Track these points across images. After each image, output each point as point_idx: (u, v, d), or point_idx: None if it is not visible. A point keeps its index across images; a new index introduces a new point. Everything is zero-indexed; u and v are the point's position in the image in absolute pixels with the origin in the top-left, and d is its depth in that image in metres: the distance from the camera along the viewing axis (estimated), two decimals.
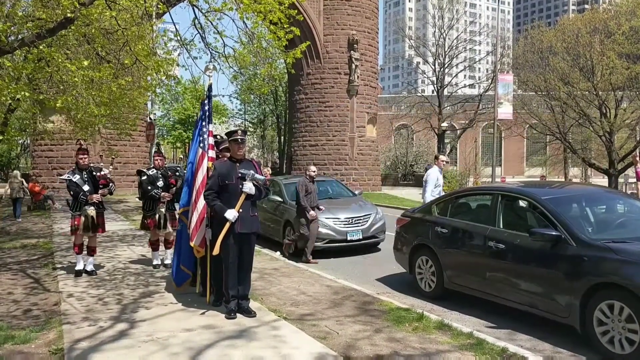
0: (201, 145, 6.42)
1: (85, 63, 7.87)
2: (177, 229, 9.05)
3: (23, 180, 17.90)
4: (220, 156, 6.51)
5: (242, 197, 5.65)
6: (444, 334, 5.28)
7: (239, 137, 5.87)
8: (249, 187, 5.63)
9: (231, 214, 5.57)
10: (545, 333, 5.52)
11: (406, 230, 7.78)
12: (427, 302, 6.84)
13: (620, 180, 28.10)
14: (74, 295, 6.76)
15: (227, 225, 5.59)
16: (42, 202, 18.98)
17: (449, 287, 6.77)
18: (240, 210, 5.64)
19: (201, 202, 6.10)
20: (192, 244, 6.16)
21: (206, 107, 6.60)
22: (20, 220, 15.99)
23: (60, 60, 7.91)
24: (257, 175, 5.75)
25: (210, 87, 6.75)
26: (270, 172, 16.82)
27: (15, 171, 19.41)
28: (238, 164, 5.83)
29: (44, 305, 6.35)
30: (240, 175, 5.69)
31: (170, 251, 8.55)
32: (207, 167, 6.25)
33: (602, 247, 5.03)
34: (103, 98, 10.04)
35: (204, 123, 6.52)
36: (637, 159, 8.38)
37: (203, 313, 5.90)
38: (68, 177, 7.79)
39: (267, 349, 4.75)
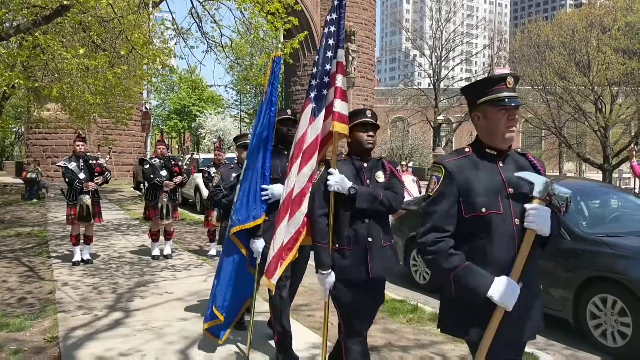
0: (310, 97, 3.61)
1: (81, 51, 7.82)
2: (178, 219, 9.05)
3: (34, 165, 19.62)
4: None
5: (527, 244, 2.25)
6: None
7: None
8: (542, 218, 2.23)
9: (509, 297, 2.20)
10: None
11: (401, 222, 7.80)
12: (422, 294, 6.88)
13: (615, 175, 28.22)
14: (68, 283, 6.75)
15: (498, 316, 2.22)
16: (36, 190, 18.96)
17: None
18: (520, 283, 2.25)
19: (295, 221, 3.49)
20: (267, 281, 3.61)
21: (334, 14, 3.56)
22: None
23: (55, 47, 7.86)
24: (561, 188, 2.33)
25: None
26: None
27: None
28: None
29: (39, 293, 6.34)
30: (512, 184, 2.34)
31: (169, 242, 8.57)
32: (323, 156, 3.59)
33: (596, 241, 5.06)
34: (98, 86, 9.99)
35: (329, 42, 3.56)
36: (633, 152, 8.41)
37: (199, 304, 5.92)
38: (64, 164, 7.77)
39: (263, 339, 4.77)
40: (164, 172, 8.20)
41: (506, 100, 2.29)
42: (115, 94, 12.21)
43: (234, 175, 5.09)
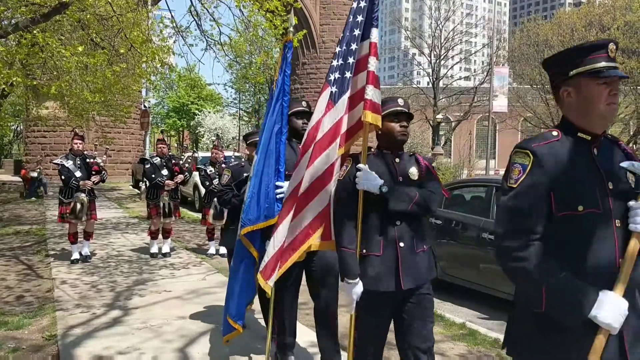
0: (329, 80, 3.16)
1: (80, 49, 7.81)
2: (179, 218, 9.05)
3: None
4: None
5: (633, 250, 1.78)
6: (437, 325, 5.30)
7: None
8: None
9: (615, 316, 1.70)
10: None
11: None
12: None
13: None
14: (67, 282, 6.74)
15: (601, 340, 1.72)
16: (36, 189, 18.96)
17: (443, 278, 6.80)
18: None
19: (301, 220, 3.11)
20: (263, 282, 3.39)
21: None
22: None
23: (54, 45, 7.84)
24: None
25: None
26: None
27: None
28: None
29: (37, 291, 6.33)
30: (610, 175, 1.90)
31: (168, 241, 8.57)
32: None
33: None
34: (97, 84, 9.98)
35: (358, 19, 3.22)
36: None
37: (198, 302, 5.91)
38: (61, 162, 7.77)
39: (261, 337, 4.77)
40: (164, 172, 8.21)
41: (606, 70, 1.83)
42: (114, 92, 12.18)
43: (244, 175, 5.00)
